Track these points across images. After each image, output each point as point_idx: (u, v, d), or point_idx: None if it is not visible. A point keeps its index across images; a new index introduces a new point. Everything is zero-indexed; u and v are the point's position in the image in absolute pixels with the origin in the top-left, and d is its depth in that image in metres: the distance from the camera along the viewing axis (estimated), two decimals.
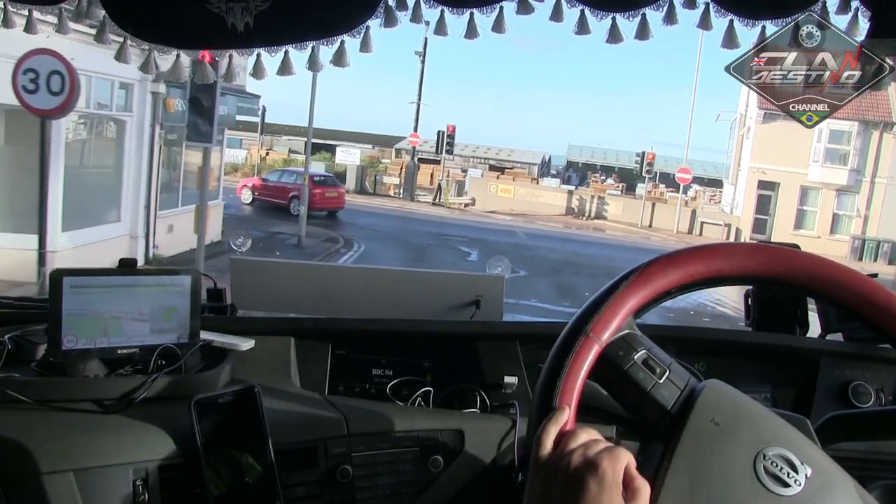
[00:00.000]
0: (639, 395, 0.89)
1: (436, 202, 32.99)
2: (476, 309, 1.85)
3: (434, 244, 20.90)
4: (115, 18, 1.54)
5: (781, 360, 1.74)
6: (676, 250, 0.93)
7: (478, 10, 1.42)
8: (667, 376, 0.89)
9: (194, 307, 1.47)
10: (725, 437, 0.84)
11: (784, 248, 0.92)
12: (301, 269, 2.05)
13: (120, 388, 1.34)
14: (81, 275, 1.40)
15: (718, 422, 0.84)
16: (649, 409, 0.88)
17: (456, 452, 1.42)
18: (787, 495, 0.80)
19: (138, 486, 1.18)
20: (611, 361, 0.89)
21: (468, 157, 46.28)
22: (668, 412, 0.87)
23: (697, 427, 0.84)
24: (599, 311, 0.88)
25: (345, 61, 1.52)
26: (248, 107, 18.46)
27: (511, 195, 33.70)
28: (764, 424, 0.86)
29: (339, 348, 1.67)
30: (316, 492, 1.32)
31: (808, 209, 27.85)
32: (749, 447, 0.83)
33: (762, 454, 0.82)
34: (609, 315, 0.88)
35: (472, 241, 21.11)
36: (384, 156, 42.59)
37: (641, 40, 1.37)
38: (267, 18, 1.48)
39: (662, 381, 0.89)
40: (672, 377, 0.89)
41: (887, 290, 0.88)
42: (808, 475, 0.81)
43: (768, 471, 0.81)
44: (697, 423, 0.84)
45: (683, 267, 0.91)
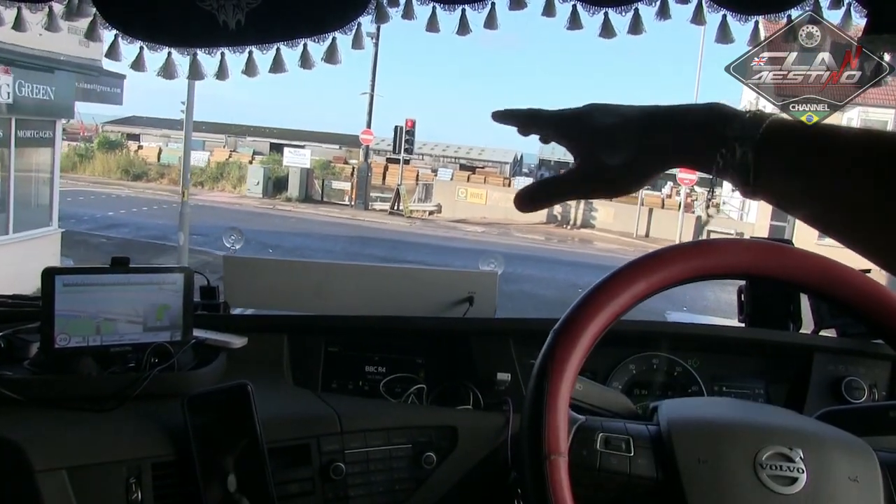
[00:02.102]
0: (626, 479, 0.89)
1: (394, 210, 28.04)
2: (469, 305, 1.85)
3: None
4: (106, 16, 1.53)
5: (774, 355, 1.74)
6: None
7: (469, 6, 1.42)
8: (632, 444, 0.90)
9: (187, 305, 1.47)
10: (719, 466, 0.85)
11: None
12: (294, 267, 2.05)
13: (113, 386, 1.34)
14: (74, 273, 1.40)
15: (704, 458, 0.86)
16: (641, 484, 0.89)
17: (449, 449, 1.43)
18: (799, 489, 0.83)
19: (131, 483, 1.18)
20: (583, 465, 0.89)
21: (437, 156, 45.00)
22: (657, 478, 0.88)
23: (691, 477, 0.85)
24: (543, 426, 0.83)
25: (336, 58, 1.52)
26: (105, 90, 13.05)
27: (483, 201, 29.01)
28: (738, 433, 0.88)
29: (331, 345, 1.67)
30: (309, 489, 1.32)
31: None
32: (744, 463, 0.85)
33: (758, 465, 0.84)
34: (553, 423, 0.83)
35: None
36: (352, 156, 37.51)
37: (634, 35, 1.38)
38: (259, 16, 1.48)
39: (633, 452, 0.89)
40: (636, 442, 0.90)
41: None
42: (801, 456, 0.84)
43: (772, 476, 0.83)
44: (690, 473, 0.86)
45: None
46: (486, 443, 1.44)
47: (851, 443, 0.90)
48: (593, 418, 0.93)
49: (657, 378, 1.71)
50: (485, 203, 28.83)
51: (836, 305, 0.91)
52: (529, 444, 0.84)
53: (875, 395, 1.68)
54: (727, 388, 1.73)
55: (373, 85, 27.44)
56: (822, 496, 0.83)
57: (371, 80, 27.25)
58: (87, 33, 1.57)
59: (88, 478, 1.16)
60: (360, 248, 19.15)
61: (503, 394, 1.58)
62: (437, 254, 19.20)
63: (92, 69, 12.07)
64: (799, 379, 1.70)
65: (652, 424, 0.94)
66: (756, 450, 0.85)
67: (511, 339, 1.65)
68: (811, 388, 1.67)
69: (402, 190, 28.21)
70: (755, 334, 1.79)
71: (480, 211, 28.45)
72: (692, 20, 1.39)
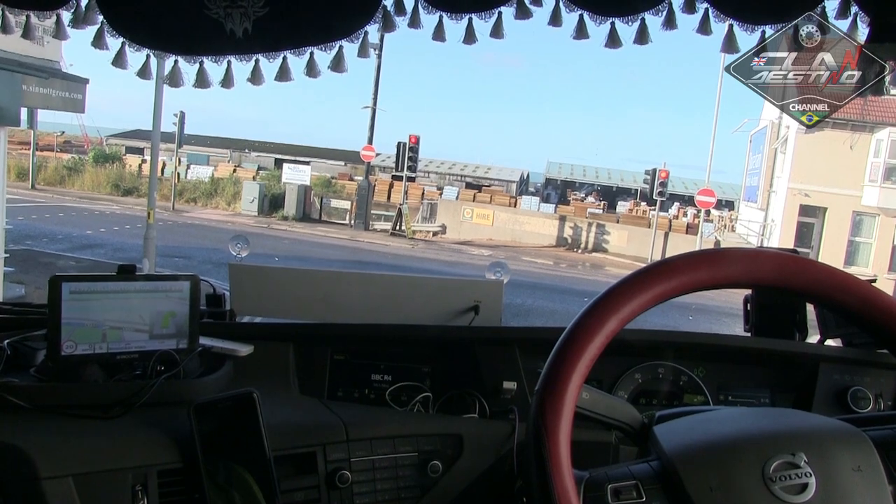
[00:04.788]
0: None
1: (396, 231, 26.46)
2: (475, 314, 1.84)
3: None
4: (114, 24, 1.54)
5: (780, 365, 1.74)
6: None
7: (476, 14, 1.43)
8: (642, 489, 0.89)
9: (193, 313, 1.47)
10: (731, 489, 0.85)
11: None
12: (300, 275, 2.05)
13: (119, 394, 1.34)
14: (81, 280, 1.40)
15: (714, 486, 0.85)
16: None
17: (455, 458, 1.42)
18: (811, 495, 0.83)
19: (137, 491, 1.18)
20: None
21: (444, 174, 44.84)
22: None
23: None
24: (553, 496, 0.83)
25: (343, 66, 1.53)
26: (63, 96, 11.09)
27: (489, 221, 27.71)
28: (740, 449, 0.88)
29: (338, 354, 1.67)
30: (315, 497, 1.31)
31: (862, 240, 22.68)
32: (754, 481, 0.85)
33: (767, 479, 0.84)
34: (563, 491, 0.83)
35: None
36: (356, 172, 36.94)
37: (641, 44, 1.38)
38: (266, 24, 1.49)
39: (645, 497, 0.88)
40: (645, 486, 0.89)
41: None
42: (805, 460, 0.84)
43: (783, 487, 0.84)
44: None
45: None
46: (492, 451, 1.43)
47: (846, 432, 0.91)
48: (596, 471, 0.92)
49: (663, 387, 1.71)
50: (491, 224, 27.79)
51: (842, 315, 0.91)
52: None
53: (881, 405, 1.68)
54: (733, 397, 1.72)
55: (375, 99, 26.17)
56: (835, 497, 0.83)
57: (373, 94, 26.03)
58: (95, 41, 1.57)
59: (94, 485, 1.16)
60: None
61: (509, 402, 1.58)
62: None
63: (46, 71, 10.16)
64: (805, 388, 1.70)
65: (653, 460, 0.93)
66: (762, 463, 0.85)
67: (517, 348, 1.65)
68: (817, 398, 1.67)
69: (404, 210, 26.79)
70: (761, 343, 1.79)
71: (486, 232, 27.40)
72: (698, 30, 1.39)
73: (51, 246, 16.57)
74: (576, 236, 27.42)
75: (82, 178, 31.57)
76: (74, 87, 11.31)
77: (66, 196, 28.16)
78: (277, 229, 24.72)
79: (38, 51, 9.91)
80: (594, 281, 19.69)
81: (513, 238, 26.96)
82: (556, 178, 47.10)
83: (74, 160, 33.77)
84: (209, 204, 29.58)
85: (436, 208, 28.73)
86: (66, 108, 11.56)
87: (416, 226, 27.23)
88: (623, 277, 0.90)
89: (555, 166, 49.00)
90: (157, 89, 13.26)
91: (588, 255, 26.18)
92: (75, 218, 22.11)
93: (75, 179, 31.54)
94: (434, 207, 28.82)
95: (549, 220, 28.36)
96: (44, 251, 15.29)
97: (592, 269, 23.07)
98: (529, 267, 21.28)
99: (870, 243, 22.57)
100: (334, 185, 34.81)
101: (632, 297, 0.87)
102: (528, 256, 23.91)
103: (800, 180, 22.73)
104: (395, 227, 26.71)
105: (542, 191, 44.86)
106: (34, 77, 9.96)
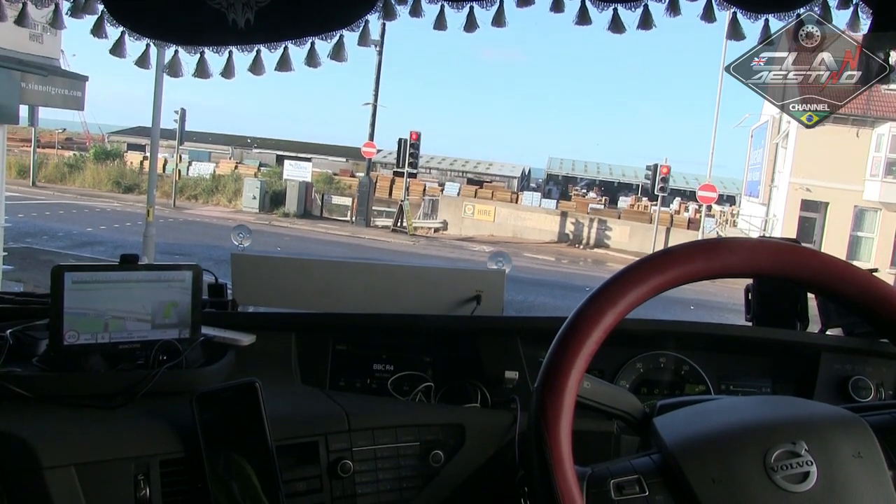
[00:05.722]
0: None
1: (397, 227, 26.52)
2: (477, 304, 1.84)
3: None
4: (114, 13, 1.53)
5: (781, 354, 1.74)
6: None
7: (477, 3, 1.42)
8: (644, 483, 0.89)
9: (195, 302, 1.47)
10: (733, 481, 0.84)
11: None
12: (302, 265, 2.04)
13: (121, 383, 1.34)
14: (83, 270, 1.40)
15: (717, 478, 0.85)
16: None
17: (457, 447, 1.42)
18: (813, 483, 0.83)
19: (140, 480, 1.18)
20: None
21: (445, 170, 44.94)
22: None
23: (711, 500, 0.84)
24: (557, 495, 0.83)
25: (343, 56, 1.52)
26: (63, 93, 11.06)
27: (491, 217, 27.65)
28: (741, 439, 0.88)
29: (339, 343, 1.67)
30: (317, 486, 1.31)
31: (864, 235, 22.62)
32: (756, 472, 0.84)
33: (769, 469, 0.84)
34: (566, 490, 0.83)
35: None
36: (358, 169, 36.70)
37: (645, 30, 1.37)
38: (268, 14, 1.48)
39: (648, 492, 0.88)
40: (648, 480, 0.89)
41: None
42: (806, 448, 0.84)
43: (785, 476, 0.83)
44: (709, 497, 0.84)
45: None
46: (494, 441, 1.44)
47: (844, 418, 0.90)
48: (598, 466, 0.92)
49: (665, 377, 1.71)
50: (493, 220, 27.74)
51: (843, 304, 0.91)
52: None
53: (882, 395, 1.68)
54: (734, 386, 1.72)
55: (376, 95, 25.91)
56: (837, 484, 0.83)
57: (374, 91, 25.86)
58: (94, 31, 1.56)
59: (97, 474, 1.16)
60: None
61: (511, 392, 1.58)
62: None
63: (46, 68, 10.09)
64: (806, 378, 1.70)
65: (654, 453, 0.93)
66: (763, 453, 0.85)
67: (519, 338, 1.65)
68: (818, 387, 1.67)
69: (405, 206, 26.75)
70: (762, 333, 1.79)
71: (488, 228, 27.38)
72: (702, 17, 1.39)
73: (51, 243, 16.55)
74: (577, 232, 27.39)
75: (83, 175, 31.57)
76: (74, 84, 11.34)
77: (66, 193, 28.10)
78: (279, 226, 24.68)
79: (38, 48, 9.81)
80: (596, 277, 18.87)
81: (514, 234, 26.95)
82: (557, 173, 47.21)
83: (75, 157, 33.77)
84: (210, 201, 29.59)
85: (437, 204, 28.64)
86: (65, 105, 11.57)
87: (417, 222, 27.24)
88: (624, 267, 0.90)
89: (556, 162, 49.07)
90: (156, 82, 13.17)
91: (590, 250, 26.13)
92: (76, 215, 22.10)
93: (76, 176, 31.54)
94: (435, 204, 28.74)
95: (550, 215, 28.22)
96: (43, 249, 15.28)
97: (594, 265, 22.95)
98: (531, 263, 21.20)
99: (871, 238, 22.57)
100: (336, 181, 34.81)
101: (632, 287, 0.87)
102: (529, 252, 23.81)
103: (801, 175, 22.72)
104: (396, 224, 26.72)
105: (544, 186, 44.93)
106: (34, 75, 9.99)
